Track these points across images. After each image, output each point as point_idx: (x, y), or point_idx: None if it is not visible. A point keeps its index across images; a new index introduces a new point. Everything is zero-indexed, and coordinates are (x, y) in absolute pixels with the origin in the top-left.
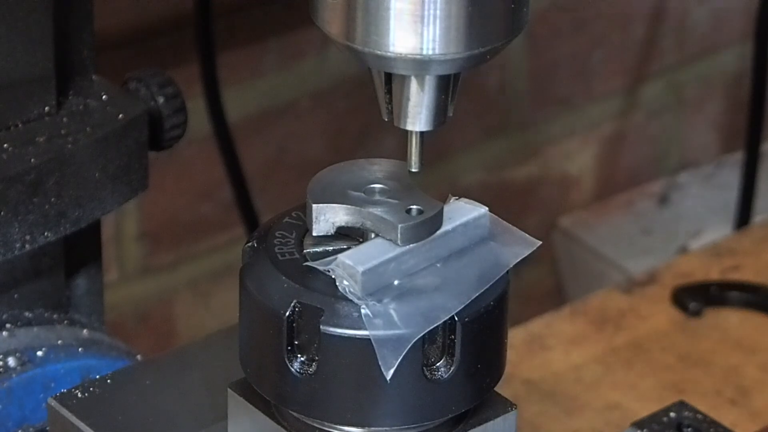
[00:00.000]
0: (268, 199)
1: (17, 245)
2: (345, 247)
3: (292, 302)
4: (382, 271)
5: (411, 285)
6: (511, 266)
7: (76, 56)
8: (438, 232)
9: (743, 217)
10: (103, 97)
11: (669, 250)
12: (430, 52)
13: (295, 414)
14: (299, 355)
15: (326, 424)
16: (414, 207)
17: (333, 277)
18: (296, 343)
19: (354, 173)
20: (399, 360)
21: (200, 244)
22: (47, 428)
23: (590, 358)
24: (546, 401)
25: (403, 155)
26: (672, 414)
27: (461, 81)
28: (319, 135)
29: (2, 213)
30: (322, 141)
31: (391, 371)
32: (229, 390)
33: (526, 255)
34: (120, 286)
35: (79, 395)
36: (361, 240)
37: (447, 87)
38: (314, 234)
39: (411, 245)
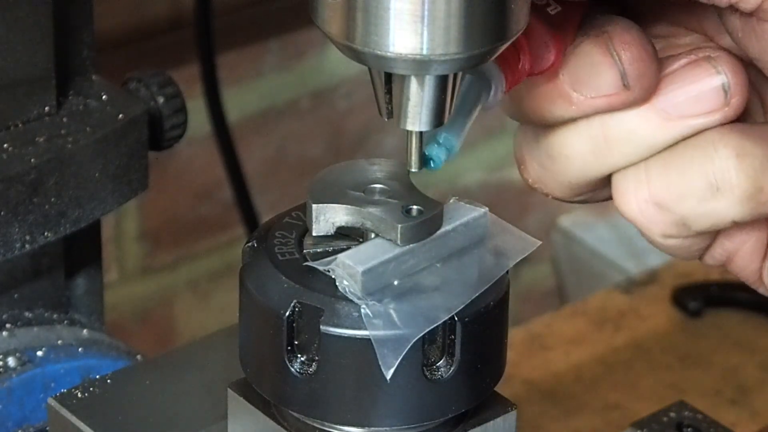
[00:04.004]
0: (268, 199)
1: (17, 245)
2: (345, 247)
3: (292, 302)
4: (382, 271)
5: (411, 285)
6: (511, 266)
7: (76, 56)
8: (438, 232)
9: None
10: (103, 97)
11: None
12: (430, 52)
13: (295, 414)
14: (299, 355)
15: (326, 424)
16: (414, 207)
17: (333, 277)
18: (296, 343)
19: (354, 173)
20: (399, 360)
21: (200, 244)
22: (47, 428)
23: (590, 358)
24: (546, 401)
25: (403, 155)
26: (672, 414)
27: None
28: (319, 135)
29: (2, 213)
30: (322, 141)
31: (391, 371)
32: (229, 390)
33: (526, 255)
34: (120, 286)
35: (79, 395)
36: (361, 240)
37: (447, 87)
38: (314, 234)
39: (411, 245)
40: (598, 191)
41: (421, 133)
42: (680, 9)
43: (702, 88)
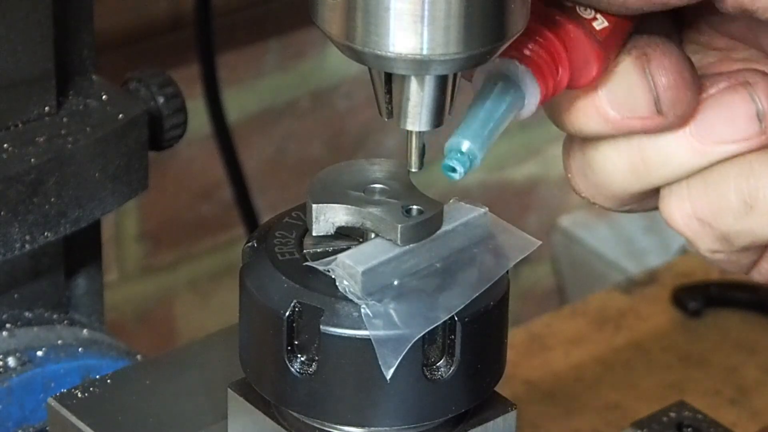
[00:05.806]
0: (268, 199)
1: (17, 245)
2: (345, 247)
3: (292, 302)
4: (382, 271)
5: (411, 285)
6: (511, 266)
7: (76, 56)
8: (438, 232)
9: None
10: (103, 97)
11: (669, 250)
12: (430, 52)
13: (295, 414)
14: (299, 355)
15: (326, 424)
16: (414, 207)
17: (333, 277)
18: (296, 343)
19: (354, 173)
20: (399, 360)
21: (200, 244)
22: (47, 428)
23: (590, 358)
24: (546, 401)
25: (403, 155)
26: (672, 414)
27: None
28: (319, 135)
29: (2, 213)
30: (322, 141)
31: (391, 371)
32: (229, 390)
33: (526, 255)
34: (120, 286)
35: (79, 395)
36: (361, 240)
37: (447, 87)
38: (314, 234)
39: (411, 245)
40: (646, 201)
41: (421, 133)
42: (737, 24)
43: (737, 115)
